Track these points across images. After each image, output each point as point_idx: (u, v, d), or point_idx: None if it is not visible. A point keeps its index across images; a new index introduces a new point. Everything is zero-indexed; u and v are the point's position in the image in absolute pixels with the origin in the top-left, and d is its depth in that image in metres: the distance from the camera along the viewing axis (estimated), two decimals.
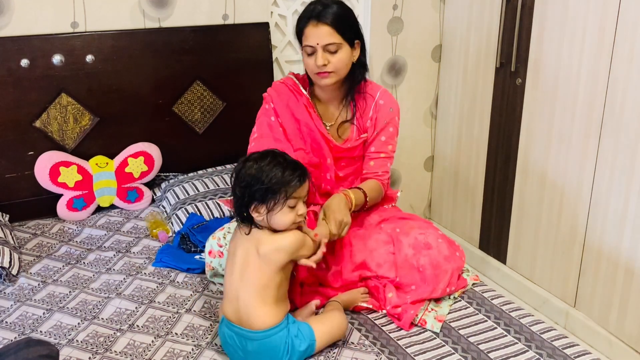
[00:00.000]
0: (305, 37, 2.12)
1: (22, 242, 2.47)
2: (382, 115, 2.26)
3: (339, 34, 2.10)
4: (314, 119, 2.23)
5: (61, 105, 2.64)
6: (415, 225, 2.18)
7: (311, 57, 2.13)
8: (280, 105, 2.24)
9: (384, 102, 2.27)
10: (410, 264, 2.07)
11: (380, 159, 2.28)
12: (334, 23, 2.09)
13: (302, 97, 2.25)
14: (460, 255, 2.17)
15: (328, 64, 2.11)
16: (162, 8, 2.77)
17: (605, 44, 2.40)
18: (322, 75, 2.14)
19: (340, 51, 2.12)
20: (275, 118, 2.25)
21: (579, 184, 2.60)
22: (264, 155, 1.81)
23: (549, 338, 1.94)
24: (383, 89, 2.30)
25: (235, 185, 1.80)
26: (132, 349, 1.87)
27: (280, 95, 2.26)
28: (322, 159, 2.25)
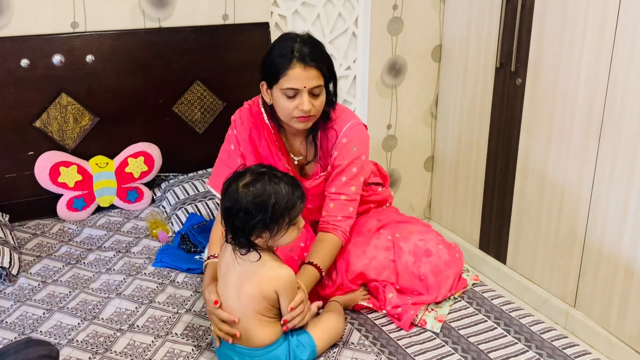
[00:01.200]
0: (289, 79, 1.94)
1: (22, 242, 2.47)
2: (343, 154, 2.09)
3: (322, 77, 1.99)
4: (274, 155, 2.11)
5: (61, 105, 2.64)
6: (414, 230, 2.16)
7: (292, 100, 1.97)
8: (242, 136, 2.14)
9: (347, 141, 2.09)
10: (411, 272, 2.06)
11: (340, 201, 2.10)
12: (321, 66, 1.97)
13: (264, 130, 2.12)
14: (459, 257, 2.17)
15: (312, 108, 1.97)
16: (162, 8, 2.77)
17: (605, 44, 2.40)
18: (302, 120, 2.00)
19: (322, 94, 2.01)
20: (235, 146, 2.15)
21: (579, 184, 2.60)
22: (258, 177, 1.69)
23: (549, 338, 1.94)
24: (351, 125, 2.11)
25: (232, 216, 1.67)
26: (132, 349, 1.87)
27: (243, 123, 2.14)
28: None
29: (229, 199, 1.69)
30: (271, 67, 1.99)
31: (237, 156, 2.14)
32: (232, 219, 1.68)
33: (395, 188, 3.48)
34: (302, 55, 1.94)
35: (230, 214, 1.68)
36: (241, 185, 1.68)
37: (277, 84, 1.98)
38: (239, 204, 1.66)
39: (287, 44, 1.97)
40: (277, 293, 1.72)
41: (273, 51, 2.01)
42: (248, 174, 1.71)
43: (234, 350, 1.78)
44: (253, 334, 1.75)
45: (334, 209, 2.10)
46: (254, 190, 1.67)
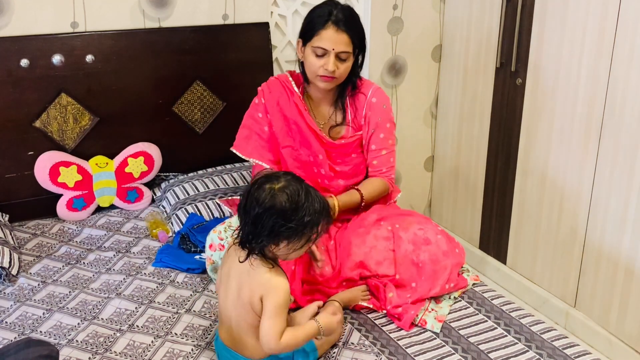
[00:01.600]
0: (320, 38, 2.12)
1: (22, 242, 2.47)
2: (376, 112, 2.29)
3: (352, 44, 2.15)
4: (304, 116, 2.25)
5: (61, 105, 2.64)
6: (414, 220, 2.19)
7: (319, 59, 2.14)
8: (271, 103, 2.28)
9: (377, 100, 2.29)
10: (410, 259, 2.08)
11: (382, 156, 2.32)
12: (352, 33, 2.13)
13: (293, 95, 2.27)
14: (460, 252, 2.18)
15: (336, 70, 2.14)
16: (162, 8, 2.77)
17: (605, 44, 2.40)
18: (325, 79, 2.17)
19: (348, 60, 2.17)
20: (263, 114, 2.30)
21: (579, 184, 2.60)
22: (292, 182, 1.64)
23: (549, 338, 1.94)
24: (375, 87, 2.32)
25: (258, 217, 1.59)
26: (132, 349, 1.87)
27: (272, 92, 2.29)
28: (313, 155, 2.26)
29: (263, 199, 1.60)
30: (308, 25, 2.17)
31: (265, 124, 2.30)
32: (260, 221, 1.60)
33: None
34: (337, 19, 2.11)
35: (261, 217, 1.59)
36: (277, 188, 1.61)
37: (310, 41, 2.14)
38: (275, 207, 1.59)
39: (328, 8, 2.15)
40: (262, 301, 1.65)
41: (313, 12, 2.18)
42: (283, 179, 1.65)
43: (229, 353, 1.76)
44: (249, 348, 1.72)
45: (379, 164, 2.32)
46: (291, 196, 1.61)
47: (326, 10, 2.14)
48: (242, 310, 1.69)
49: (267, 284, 1.65)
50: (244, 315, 1.69)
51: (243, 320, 1.70)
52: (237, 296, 1.70)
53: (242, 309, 1.69)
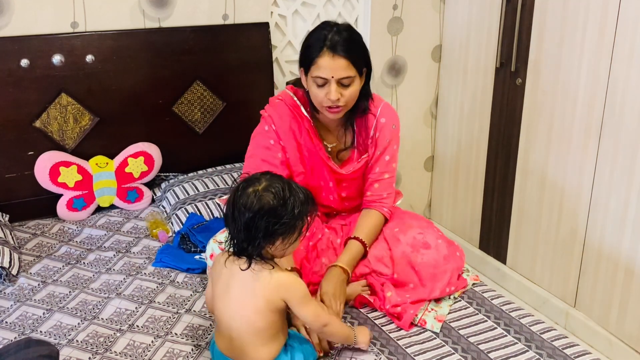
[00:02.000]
0: (317, 68, 1.97)
1: (22, 242, 2.47)
2: (384, 134, 2.17)
3: (353, 67, 1.99)
4: (315, 143, 2.15)
5: (61, 105, 2.64)
6: (414, 224, 2.18)
7: (321, 89, 2.00)
8: (282, 129, 2.14)
9: (386, 120, 2.17)
10: (407, 260, 2.08)
11: (384, 180, 2.20)
12: (351, 56, 1.97)
13: (303, 120, 2.14)
14: (460, 256, 2.18)
15: (341, 98, 2.00)
16: (162, 8, 2.77)
17: (605, 44, 2.40)
18: (332, 110, 2.04)
19: (353, 84, 2.01)
20: (275, 141, 2.15)
21: (579, 184, 2.60)
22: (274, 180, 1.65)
23: (549, 338, 1.94)
24: (384, 104, 2.19)
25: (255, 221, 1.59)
26: (132, 349, 1.87)
27: (282, 118, 2.15)
28: (323, 181, 2.21)
29: (250, 203, 1.60)
30: (304, 54, 2.03)
31: (278, 150, 2.14)
32: (253, 225, 1.60)
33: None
34: (333, 44, 1.96)
35: (252, 220, 1.60)
36: (261, 189, 1.62)
37: (309, 71, 2.01)
38: (264, 207, 1.60)
39: (323, 32, 2.00)
40: (285, 301, 1.68)
41: (309, 37, 2.04)
42: (263, 179, 1.65)
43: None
44: (251, 354, 1.71)
45: (379, 189, 2.20)
46: (276, 192, 1.62)
47: (321, 34, 1.99)
48: (252, 318, 1.67)
49: (283, 284, 1.67)
50: (253, 321, 1.67)
51: (249, 327, 1.68)
52: (240, 306, 1.68)
53: (252, 315, 1.67)
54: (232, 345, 1.72)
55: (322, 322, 1.74)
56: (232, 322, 1.70)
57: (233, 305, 1.70)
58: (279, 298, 1.67)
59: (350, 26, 2.06)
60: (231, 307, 1.70)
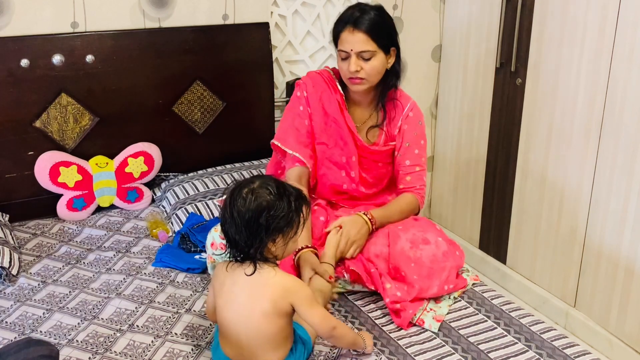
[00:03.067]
0: (341, 42, 2.14)
1: (22, 242, 2.47)
2: (412, 127, 2.27)
3: (374, 42, 2.11)
4: (345, 115, 2.25)
5: (61, 105, 2.64)
6: (415, 224, 2.18)
7: (345, 62, 2.15)
8: (313, 97, 2.27)
9: (414, 115, 2.27)
10: (407, 256, 2.07)
11: (416, 172, 2.28)
12: (370, 30, 2.10)
13: (336, 93, 2.26)
14: (460, 255, 2.18)
15: (360, 70, 2.13)
16: (162, 8, 2.77)
17: (605, 44, 2.40)
18: (353, 81, 2.16)
19: (374, 59, 2.13)
20: (304, 107, 2.27)
21: (579, 184, 2.60)
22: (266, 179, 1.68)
23: (549, 338, 1.94)
24: (413, 101, 2.30)
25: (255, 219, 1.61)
26: (132, 349, 1.87)
27: (315, 86, 2.28)
28: (347, 156, 2.27)
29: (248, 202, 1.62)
30: (334, 30, 2.19)
31: (306, 117, 2.27)
32: (255, 223, 1.61)
33: None
34: (354, 20, 2.11)
35: (253, 218, 1.61)
36: (257, 187, 1.65)
37: (337, 46, 2.18)
38: (262, 204, 1.62)
39: (349, 10, 2.16)
40: (292, 305, 1.67)
41: (339, 16, 2.19)
42: (256, 179, 1.68)
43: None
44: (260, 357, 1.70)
45: (412, 181, 2.28)
46: (271, 189, 1.65)
47: (347, 12, 2.15)
48: (261, 321, 1.66)
49: (289, 288, 1.67)
50: (262, 327, 1.67)
51: (259, 333, 1.67)
52: (249, 311, 1.67)
53: (261, 319, 1.66)
54: (242, 352, 1.71)
55: (330, 325, 1.71)
56: (240, 329, 1.69)
57: (240, 313, 1.68)
58: (285, 302, 1.66)
59: (380, 7, 2.19)
60: (238, 315, 1.69)
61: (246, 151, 3.01)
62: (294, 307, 1.68)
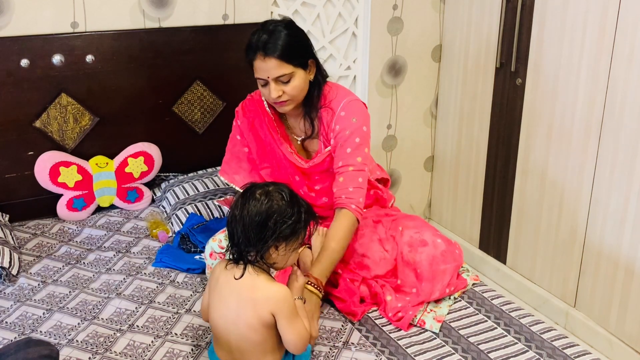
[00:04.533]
0: (255, 70, 2.06)
1: (22, 242, 2.47)
2: (344, 126, 2.14)
3: (288, 64, 2.02)
4: (275, 138, 2.20)
5: (61, 105, 2.64)
6: (410, 225, 2.18)
7: (265, 88, 2.07)
8: (245, 125, 2.25)
9: (346, 114, 2.14)
10: (407, 261, 2.08)
11: (348, 172, 2.12)
12: (281, 55, 2.00)
13: (265, 117, 2.22)
14: (459, 253, 2.18)
15: (282, 94, 2.06)
16: (162, 8, 2.77)
17: (605, 44, 2.40)
18: (279, 105, 2.11)
19: (293, 79, 2.05)
20: (241, 137, 2.27)
21: (579, 184, 2.60)
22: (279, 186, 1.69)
23: (549, 338, 1.94)
24: (348, 100, 2.16)
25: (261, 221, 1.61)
26: (132, 349, 1.87)
27: (246, 114, 2.25)
28: (291, 175, 2.24)
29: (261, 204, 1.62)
30: (246, 57, 2.09)
31: (243, 145, 2.27)
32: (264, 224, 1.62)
33: (395, 188, 3.48)
34: (262, 45, 2.02)
35: (263, 220, 1.62)
36: (271, 190, 1.66)
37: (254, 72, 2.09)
38: (273, 206, 1.62)
39: (255, 35, 2.06)
40: (273, 315, 1.64)
41: (248, 41, 2.08)
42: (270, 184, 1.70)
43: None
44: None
45: (344, 182, 2.12)
46: (284, 194, 1.66)
47: (254, 37, 2.05)
48: (245, 330, 1.66)
49: (273, 297, 1.64)
50: (247, 335, 1.66)
51: (247, 340, 1.67)
52: (236, 315, 1.67)
53: (245, 329, 1.66)
54: (233, 356, 1.71)
55: (303, 344, 1.68)
56: (229, 333, 1.69)
57: (228, 318, 1.68)
58: (267, 312, 1.64)
59: (288, 23, 2.09)
60: (227, 320, 1.69)
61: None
62: (275, 317, 1.65)
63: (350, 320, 2.01)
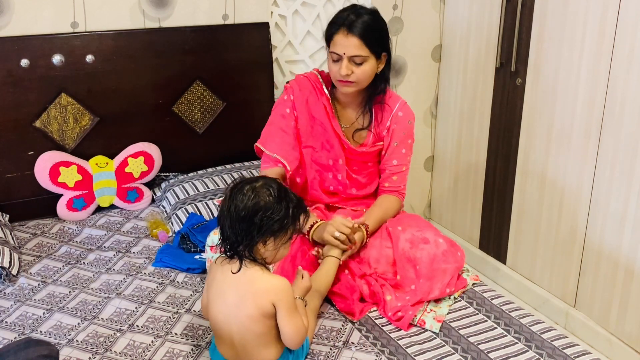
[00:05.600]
0: (334, 44, 2.13)
1: (22, 242, 2.47)
2: (401, 127, 2.27)
3: (366, 47, 2.11)
4: (330, 118, 2.26)
5: (61, 105, 2.64)
6: (413, 223, 2.19)
7: (336, 64, 2.14)
8: (299, 100, 2.27)
9: (403, 114, 2.28)
10: (407, 257, 2.08)
11: (402, 172, 2.32)
12: (363, 36, 2.10)
13: (322, 96, 2.27)
14: (461, 256, 2.18)
15: (351, 74, 2.13)
16: (162, 8, 2.77)
17: (605, 44, 2.40)
18: (343, 83, 2.16)
19: (366, 63, 2.13)
20: (290, 110, 2.28)
21: (579, 184, 2.60)
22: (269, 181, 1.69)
23: (549, 338, 1.94)
24: (402, 101, 2.30)
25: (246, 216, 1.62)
26: (132, 349, 1.87)
27: (302, 90, 2.29)
28: (333, 159, 2.28)
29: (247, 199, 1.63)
30: (327, 31, 2.18)
31: (292, 119, 2.28)
32: (249, 219, 1.62)
33: None
34: (348, 23, 2.10)
35: (248, 215, 1.62)
36: (259, 186, 1.66)
37: (329, 47, 2.17)
38: (260, 202, 1.63)
39: (345, 12, 2.15)
40: (274, 305, 1.66)
41: (334, 17, 2.18)
42: (260, 179, 1.70)
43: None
44: (255, 356, 1.71)
45: (398, 180, 2.32)
46: (272, 190, 1.66)
47: (343, 14, 2.14)
48: (247, 322, 1.67)
49: (273, 288, 1.66)
50: (249, 327, 1.67)
51: (247, 332, 1.68)
52: (237, 309, 1.67)
53: (247, 321, 1.67)
54: (236, 350, 1.72)
55: (299, 339, 1.69)
56: (231, 327, 1.70)
57: (229, 312, 1.69)
58: (268, 302, 1.65)
59: (375, 12, 2.19)
60: (227, 314, 1.69)
61: (246, 151, 3.00)
62: (275, 307, 1.67)
63: (350, 320, 2.01)
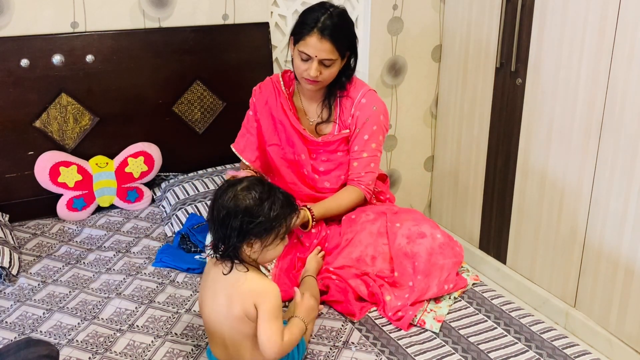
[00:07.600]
0: (305, 44, 2.15)
1: (22, 242, 2.47)
2: (364, 113, 2.28)
3: (337, 51, 2.16)
4: (288, 116, 2.30)
5: (61, 105, 2.64)
6: (409, 218, 2.19)
7: (304, 63, 2.18)
8: (260, 102, 2.36)
9: (366, 101, 2.29)
10: (404, 252, 2.08)
11: (362, 159, 2.30)
12: (336, 40, 2.14)
13: (280, 96, 2.33)
14: (460, 250, 2.17)
15: (319, 74, 2.17)
16: (162, 8, 2.77)
17: (605, 44, 2.40)
18: (309, 82, 2.21)
19: (333, 65, 2.19)
20: (253, 113, 2.39)
21: (579, 184, 2.60)
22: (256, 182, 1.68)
23: (549, 338, 1.94)
24: (367, 89, 2.32)
25: (229, 219, 1.61)
26: (132, 349, 1.87)
27: (262, 92, 2.37)
28: (296, 155, 2.32)
29: (227, 201, 1.63)
30: (297, 28, 2.20)
31: (254, 121, 2.39)
32: (228, 223, 1.62)
33: (395, 188, 3.48)
34: (323, 27, 2.13)
35: (228, 218, 1.62)
36: (240, 189, 1.65)
37: (298, 44, 2.18)
38: (240, 206, 1.62)
39: (317, 13, 2.17)
40: (256, 308, 1.64)
41: (305, 14, 2.20)
42: (245, 180, 1.68)
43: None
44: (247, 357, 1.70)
45: (358, 167, 2.30)
46: (254, 193, 1.64)
47: (315, 15, 2.15)
48: (236, 323, 1.67)
49: (257, 289, 1.65)
50: (239, 328, 1.67)
51: (238, 333, 1.68)
52: (227, 310, 1.67)
53: (236, 322, 1.66)
54: (228, 351, 1.72)
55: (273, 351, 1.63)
56: (223, 328, 1.69)
57: (220, 312, 1.68)
58: (251, 303, 1.63)
59: (344, 12, 2.23)
60: (218, 314, 1.69)
61: None
62: (257, 310, 1.64)
63: (350, 319, 2.01)
